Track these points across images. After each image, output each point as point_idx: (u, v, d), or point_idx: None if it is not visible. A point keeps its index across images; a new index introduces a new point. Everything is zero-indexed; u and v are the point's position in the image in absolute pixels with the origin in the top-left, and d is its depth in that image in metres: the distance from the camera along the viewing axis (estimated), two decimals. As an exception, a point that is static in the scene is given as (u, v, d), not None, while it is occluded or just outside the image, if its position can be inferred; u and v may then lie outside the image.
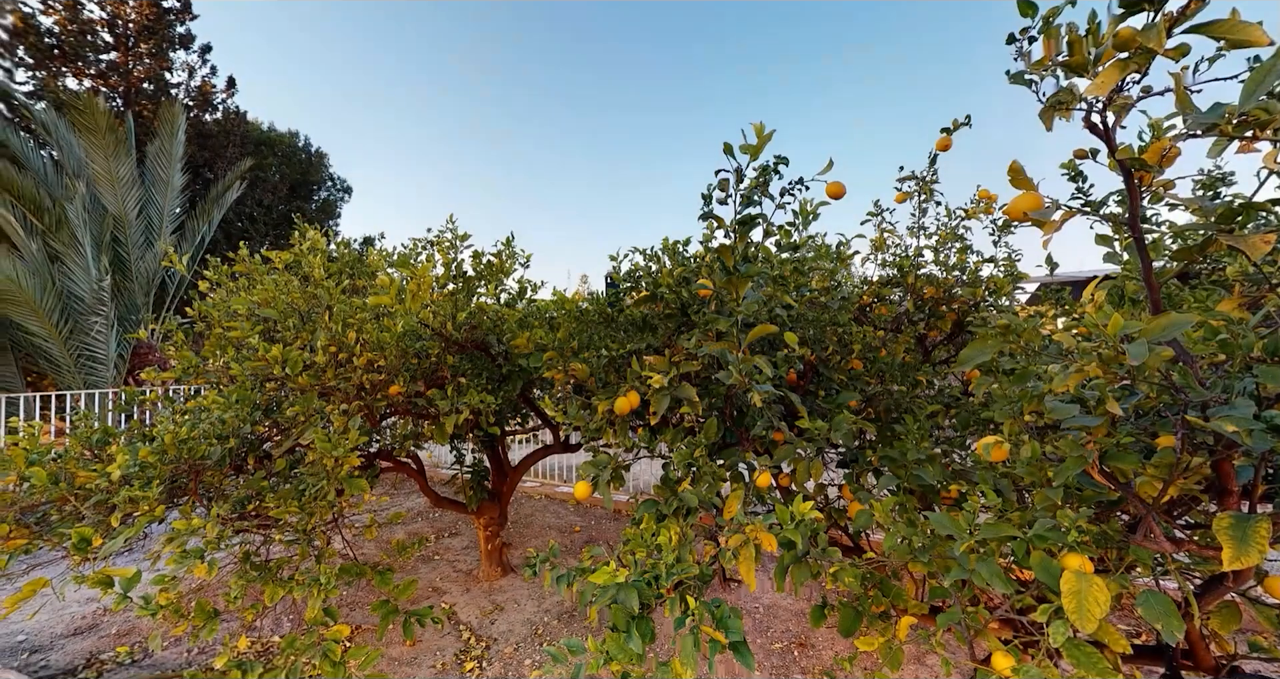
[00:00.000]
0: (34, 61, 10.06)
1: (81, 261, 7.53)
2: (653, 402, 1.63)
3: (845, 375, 2.15)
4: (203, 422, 1.98)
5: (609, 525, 4.48)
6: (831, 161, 1.80)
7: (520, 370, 2.49)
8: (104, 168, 8.23)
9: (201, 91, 11.89)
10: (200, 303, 2.51)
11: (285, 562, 1.93)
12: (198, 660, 2.54)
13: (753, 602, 3.05)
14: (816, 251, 2.58)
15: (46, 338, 7.21)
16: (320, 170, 13.81)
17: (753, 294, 1.68)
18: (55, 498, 1.73)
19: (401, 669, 2.43)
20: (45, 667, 2.50)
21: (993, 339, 1.30)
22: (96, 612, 2.98)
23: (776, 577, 1.43)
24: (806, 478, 1.63)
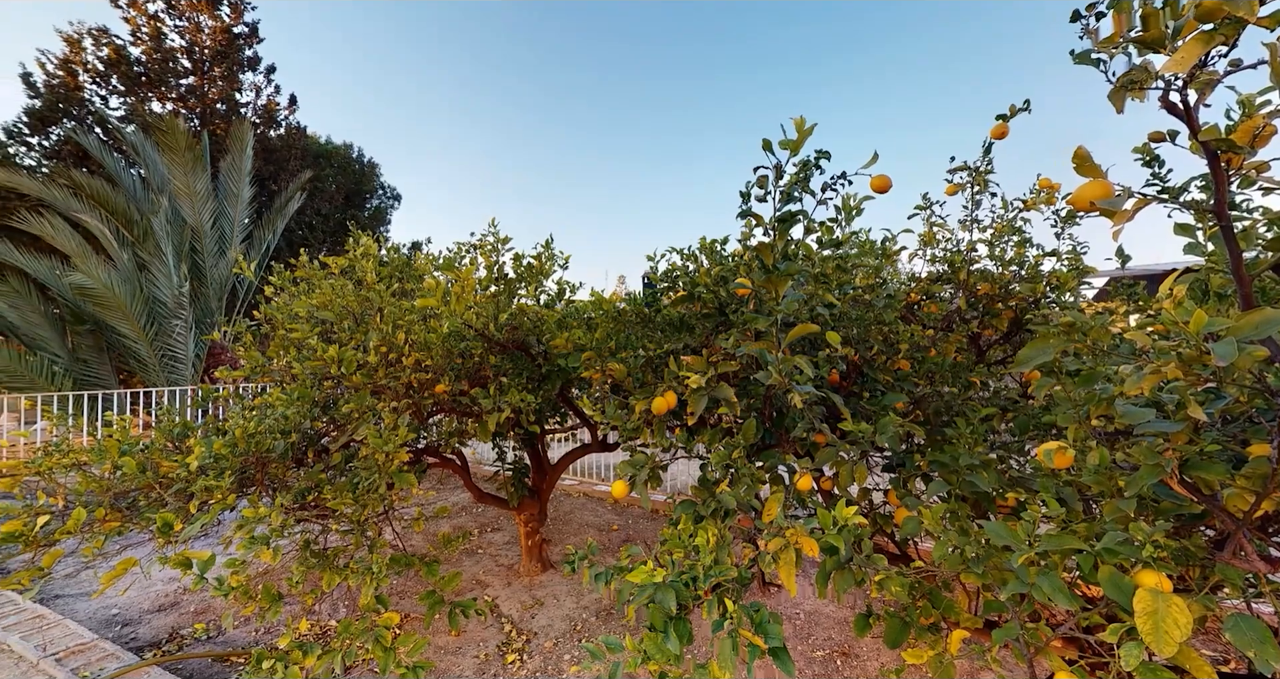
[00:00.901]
0: (125, 89, 11.08)
1: (164, 269, 8.23)
2: (690, 402, 1.62)
3: (891, 376, 2.07)
4: (268, 417, 2.12)
5: (646, 525, 4.49)
6: (876, 154, 1.73)
7: (559, 370, 2.54)
8: (183, 183, 8.96)
9: (267, 109, 12.75)
10: (266, 306, 2.69)
11: (341, 550, 2.04)
12: (264, 640, 2.72)
13: (793, 607, 2.98)
14: (860, 248, 2.49)
15: (135, 339, 7.92)
16: (372, 179, 14.53)
17: (793, 293, 1.64)
18: (143, 485, 1.90)
19: (447, 658, 2.52)
20: (134, 639, 2.75)
21: (1055, 338, 1.22)
22: (177, 590, 3.25)
23: (818, 583, 1.39)
24: (850, 482, 1.57)
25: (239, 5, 12.01)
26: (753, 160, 1.61)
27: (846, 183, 1.85)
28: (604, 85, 74.34)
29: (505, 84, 75.28)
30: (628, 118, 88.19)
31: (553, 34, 58.61)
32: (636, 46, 65.69)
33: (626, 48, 65.24)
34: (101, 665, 2.34)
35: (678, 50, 73.84)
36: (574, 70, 70.13)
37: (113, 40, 10.90)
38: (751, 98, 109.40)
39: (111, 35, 10.90)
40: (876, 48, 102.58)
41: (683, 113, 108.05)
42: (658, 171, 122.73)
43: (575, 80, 73.46)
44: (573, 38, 59.76)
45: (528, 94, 79.97)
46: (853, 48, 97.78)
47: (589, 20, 55.95)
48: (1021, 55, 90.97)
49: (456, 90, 75.43)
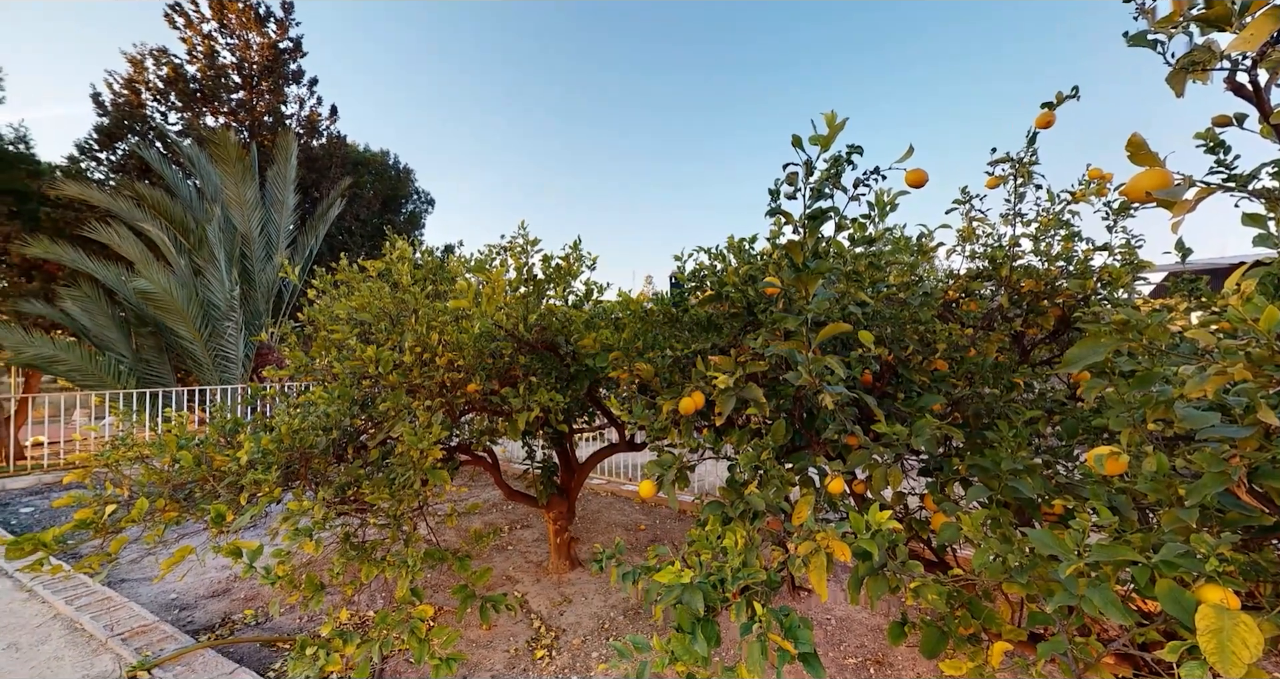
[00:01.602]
0: (182, 104, 11.78)
1: (217, 274, 8.71)
2: (718, 402, 1.61)
3: (928, 377, 2.00)
4: (311, 414, 2.22)
5: (674, 525, 4.48)
6: (911, 148, 1.68)
7: (587, 370, 2.56)
8: (234, 192, 9.46)
9: (309, 120, 13.33)
10: (309, 309, 2.81)
11: (378, 544, 2.11)
12: (307, 627, 2.85)
13: (824, 613, 2.92)
14: (895, 245, 2.42)
15: (191, 340, 8.41)
16: (407, 185, 14.99)
17: (824, 291, 1.61)
18: (198, 478, 2.02)
19: (478, 651, 2.58)
20: (191, 622, 2.91)
21: (1107, 337, 1.15)
22: (229, 578, 3.43)
23: (850, 588, 1.36)
24: (884, 485, 1.53)
25: (284, 22, 12.60)
26: (782, 157, 1.59)
27: (880, 178, 1.80)
28: (631, 85, 74.61)
29: (534, 88, 76.45)
30: (655, 118, 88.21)
31: (580, 36, 59.22)
32: (662, 46, 65.64)
33: (653, 47, 65.30)
34: (161, 646, 2.49)
35: (706, 48, 73.42)
36: (601, 71, 70.63)
37: (171, 59, 11.61)
38: (782, 95, 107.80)
39: (170, 55, 11.62)
40: (911, 39, 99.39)
41: (713, 112, 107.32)
42: (685, 171, 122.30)
43: (603, 81, 73.96)
44: (599, 39, 60.24)
45: (557, 97, 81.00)
46: (887, 39, 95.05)
47: (614, 21, 56.28)
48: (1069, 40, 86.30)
49: (486, 96, 77.06)
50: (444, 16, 49.57)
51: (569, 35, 58.98)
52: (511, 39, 59.44)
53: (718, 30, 68.32)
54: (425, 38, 50.08)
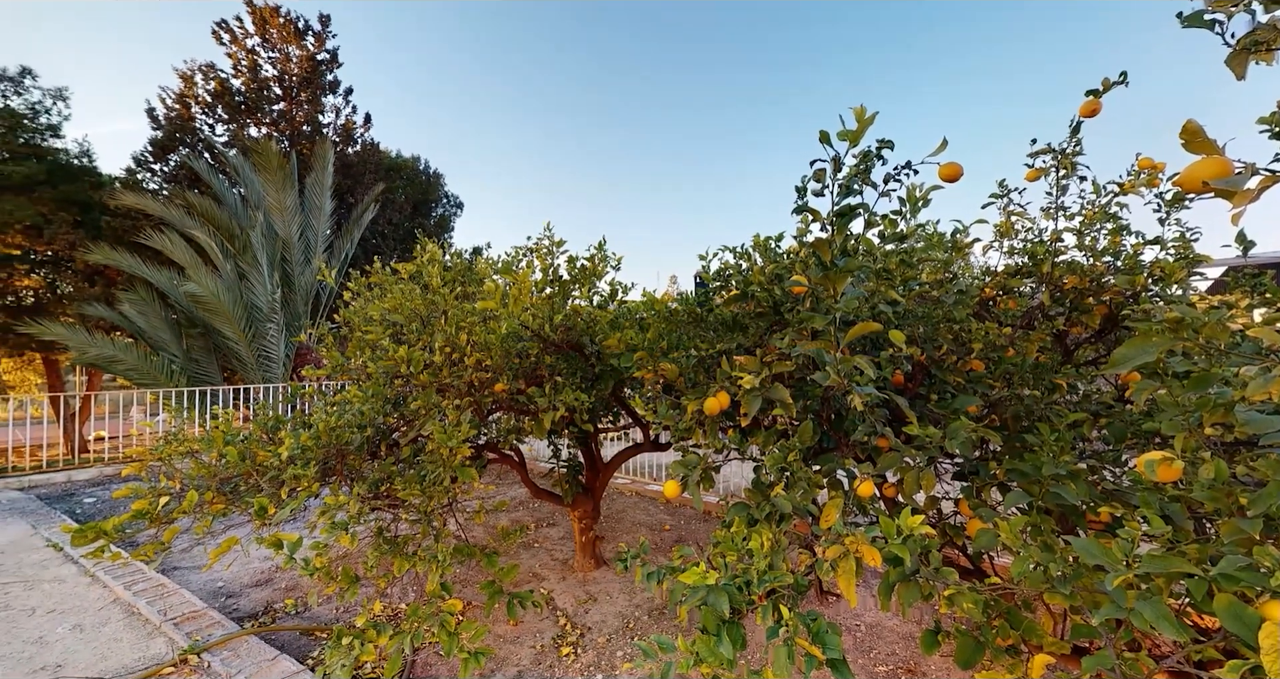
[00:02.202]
0: (228, 117, 12.37)
1: (260, 278, 9.11)
2: (743, 403, 1.59)
3: (963, 378, 1.93)
4: (347, 412, 2.30)
5: (698, 526, 4.45)
6: (945, 141, 1.63)
7: (612, 370, 2.57)
8: (275, 199, 9.89)
9: (345, 128, 13.81)
10: (345, 310, 2.91)
11: (410, 538, 2.17)
12: (343, 617, 2.95)
13: (854, 619, 2.85)
14: (927, 241, 2.35)
15: (236, 341, 8.83)
16: (437, 189, 15.37)
17: (852, 290, 1.57)
18: (243, 472, 2.11)
19: (506, 646, 2.62)
20: (236, 610, 3.06)
21: (1159, 335, 1.09)
22: (271, 568, 3.58)
23: (881, 594, 1.32)
24: (916, 489, 1.49)
25: (321, 34, 13.09)
26: (810, 154, 1.56)
27: (911, 173, 1.75)
28: (654, 86, 74.61)
29: (559, 90, 77.26)
30: (680, 118, 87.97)
31: (604, 38, 59.55)
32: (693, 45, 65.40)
33: (682, 46, 65.13)
34: (210, 631, 2.62)
35: (736, 46, 72.80)
36: (628, 72, 70.84)
37: (218, 74, 12.21)
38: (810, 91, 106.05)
39: (217, 70, 12.22)
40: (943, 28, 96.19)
41: (737, 110, 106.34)
42: (709, 171, 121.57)
43: (626, 83, 74.20)
44: (627, 39, 60.44)
45: (581, 99, 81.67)
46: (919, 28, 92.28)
47: (642, 21, 56.39)
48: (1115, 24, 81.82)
49: (513, 100, 78.30)
50: (471, 23, 50.59)
51: (596, 37, 59.43)
52: (538, 42, 60.24)
53: (747, 26, 67.68)
54: (453, 44, 51.24)
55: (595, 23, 55.47)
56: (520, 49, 61.27)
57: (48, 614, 2.88)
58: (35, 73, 9.20)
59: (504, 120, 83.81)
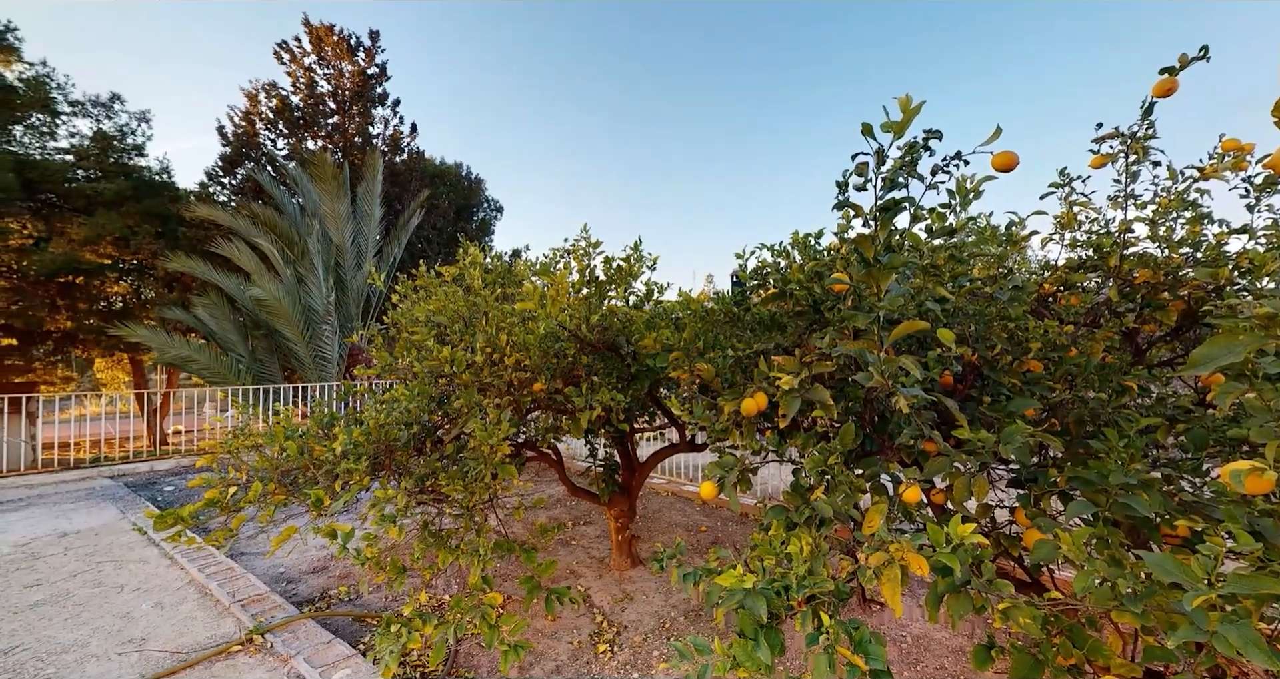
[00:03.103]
0: (288, 131, 13.19)
1: (316, 282, 9.66)
2: (781, 404, 1.56)
3: (1019, 379, 1.82)
4: (395, 410, 2.40)
5: (735, 528, 4.39)
6: (999, 129, 1.54)
7: (648, 370, 2.57)
8: (330, 208, 10.45)
9: (393, 138, 14.45)
10: (393, 312, 3.04)
11: (453, 532, 2.24)
12: (391, 605, 3.08)
13: (899, 629, 2.74)
14: (979, 235, 2.23)
15: (295, 342, 9.39)
16: (478, 194, 15.85)
17: (897, 287, 1.51)
18: (301, 465, 2.24)
19: (543, 641, 2.67)
20: (295, 594, 3.25)
21: (1247, 333, 0.99)
22: (326, 557, 3.79)
23: (928, 605, 1.27)
24: (967, 496, 1.41)
25: (371, 50, 13.75)
26: (850, 147, 1.51)
27: (961, 163, 1.67)
28: (690, 84, 74.20)
29: (593, 93, 78.07)
30: (715, 115, 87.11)
31: (643, 38, 59.75)
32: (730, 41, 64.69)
33: (719, 44, 64.56)
34: (272, 614, 2.80)
35: (773, 41, 71.55)
36: (665, 72, 70.82)
37: (279, 92, 13.03)
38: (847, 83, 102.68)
39: (279, 88, 13.05)
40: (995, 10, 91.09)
41: (773, 106, 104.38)
42: (746, 168, 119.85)
43: (662, 82, 74.13)
44: (664, 39, 60.43)
45: (617, 101, 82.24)
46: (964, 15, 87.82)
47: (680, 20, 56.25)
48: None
49: (550, 103, 79.73)
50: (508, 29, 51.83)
51: (632, 38, 59.73)
52: (576, 44, 61.08)
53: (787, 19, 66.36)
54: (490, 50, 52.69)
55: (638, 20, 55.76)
56: (556, 53, 62.33)
57: (134, 592, 3.16)
58: (123, 98, 10.10)
59: (541, 124, 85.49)
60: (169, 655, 2.48)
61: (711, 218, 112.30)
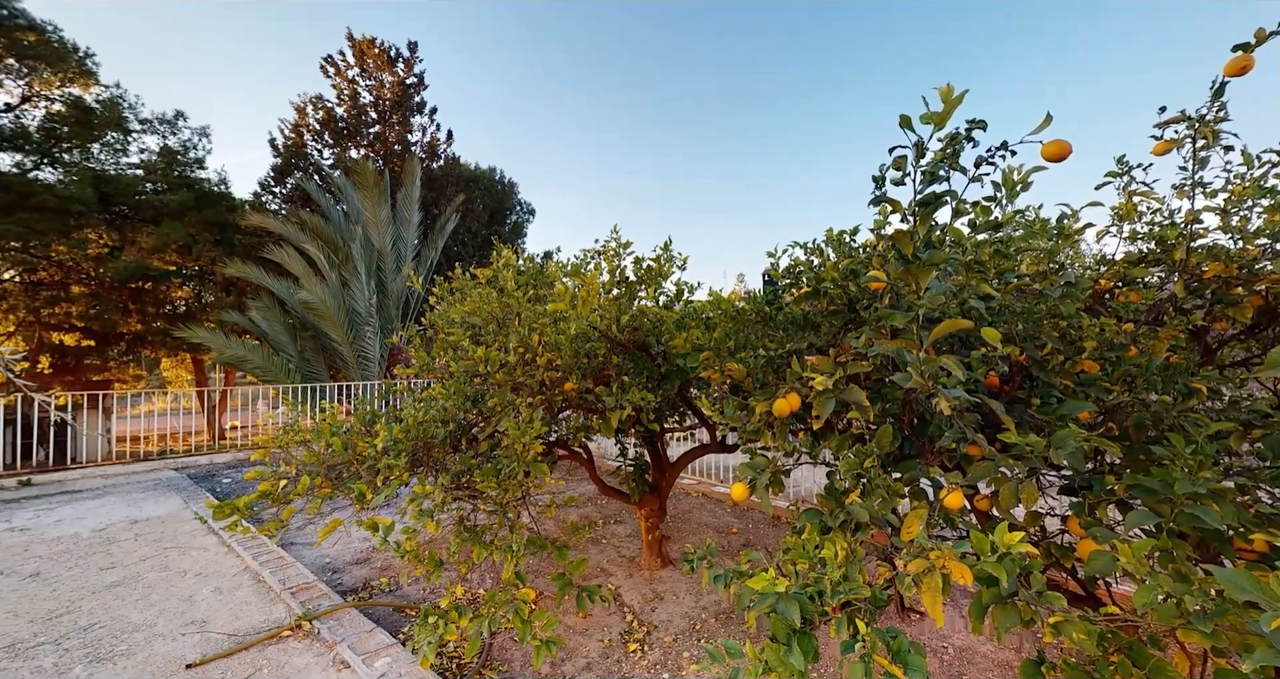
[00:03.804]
0: (333, 141, 13.81)
1: (359, 285, 10.07)
2: (815, 405, 1.52)
3: (1072, 381, 1.72)
4: (432, 408, 2.48)
5: (767, 531, 4.33)
6: (1049, 116, 1.46)
7: (678, 370, 2.56)
8: (371, 214, 10.88)
9: (430, 145, 14.92)
10: (430, 313, 3.14)
11: (487, 528, 2.29)
12: (429, 598, 3.18)
13: (940, 640, 2.64)
14: (1027, 229, 2.12)
15: (340, 343, 9.82)
16: (511, 198, 16.18)
17: (938, 285, 1.45)
18: (345, 460, 2.34)
19: (575, 638, 2.70)
20: (340, 584, 3.40)
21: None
22: (369, 548, 3.95)
23: (972, 616, 1.21)
24: (1014, 503, 1.35)
25: (410, 60, 14.25)
26: (888, 140, 1.47)
27: (1008, 154, 1.59)
28: (726, 82, 73.56)
29: (624, 93, 78.37)
30: (748, 113, 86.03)
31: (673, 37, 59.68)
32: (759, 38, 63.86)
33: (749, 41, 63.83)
34: (319, 602, 2.94)
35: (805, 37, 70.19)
36: (695, 70, 70.52)
37: (325, 104, 13.67)
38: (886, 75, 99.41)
39: (325, 100, 13.69)
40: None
41: (805, 102, 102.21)
42: (780, 166, 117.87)
43: (695, 81, 73.79)
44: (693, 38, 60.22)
45: (646, 101, 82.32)
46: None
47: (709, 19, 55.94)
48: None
49: (579, 104, 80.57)
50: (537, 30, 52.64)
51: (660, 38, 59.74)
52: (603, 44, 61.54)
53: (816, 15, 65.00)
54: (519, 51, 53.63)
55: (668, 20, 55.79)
56: (591, 55, 62.93)
57: (195, 576, 3.37)
58: (186, 115, 10.82)
59: (574, 125, 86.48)
60: (226, 637, 2.64)
61: (743, 217, 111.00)
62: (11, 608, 2.94)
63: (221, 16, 34.11)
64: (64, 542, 4.00)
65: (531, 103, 66.79)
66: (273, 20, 28.87)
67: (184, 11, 31.83)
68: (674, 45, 60.81)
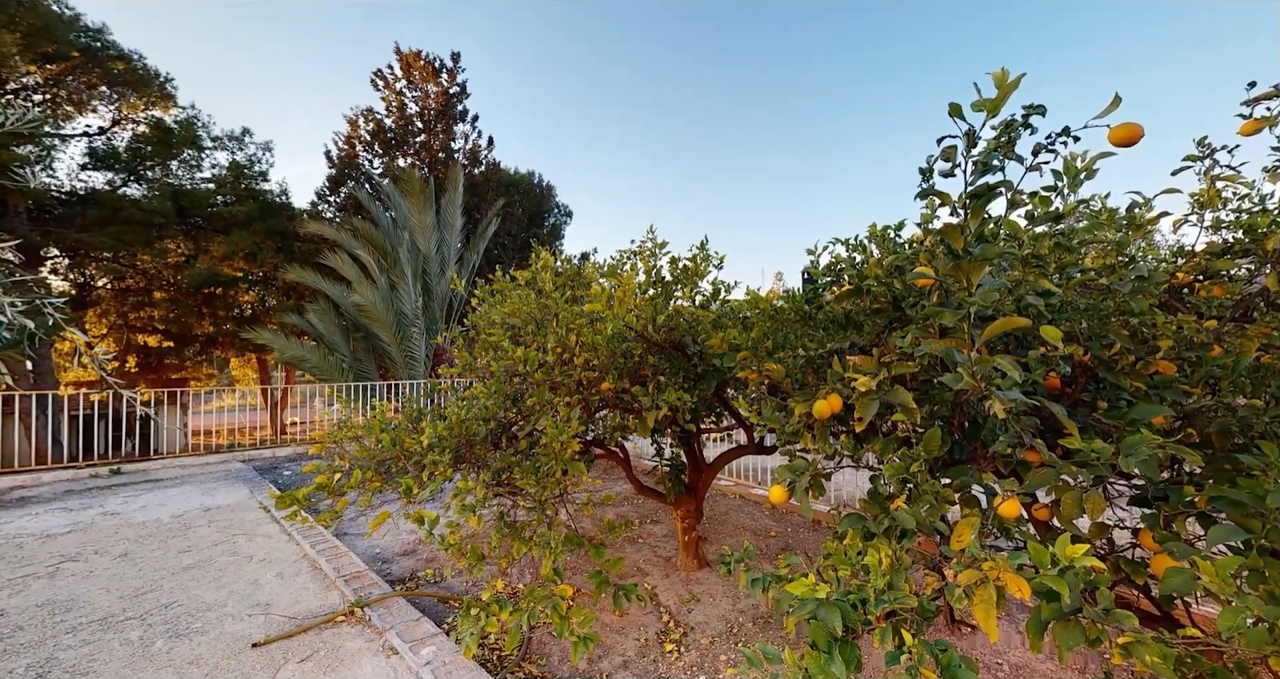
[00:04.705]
0: (382, 151, 14.47)
1: (406, 288, 10.50)
2: (857, 406, 1.47)
3: (1144, 382, 1.59)
4: (474, 407, 2.55)
5: (806, 535, 4.22)
6: (1118, 97, 1.36)
7: (714, 370, 2.54)
8: (417, 220, 11.33)
9: (472, 152, 15.40)
10: (472, 315, 3.24)
11: (526, 524, 2.34)
12: (471, 590, 3.28)
13: (994, 656, 2.49)
14: (1092, 219, 1.98)
15: (389, 343, 10.27)
16: (549, 201, 16.48)
17: (991, 281, 1.38)
18: (394, 456, 2.45)
19: (611, 635, 2.71)
20: (389, 574, 3.55)
21: None
22: (415, 540, 4.11)
23: (1030, 632, 1.14)
24: (1077, 514, 1.26)
25: (453, 70, 14.76)
26: (934, 132, 1.40)
27: (1070, 140, 1.49)
28: (760, 79, 72.30)
29: (661, 94, 78.33)
30: (787, 109, 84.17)
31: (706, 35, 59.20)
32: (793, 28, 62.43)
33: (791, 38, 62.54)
34: (369, 590, 3.08)
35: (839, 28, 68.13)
36: (734, 67, 69.72)
37: (375, 116, 14.35)
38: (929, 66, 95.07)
39: (375, 113, 14.37)
40: None
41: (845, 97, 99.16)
42: (818, 163, 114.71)
43: (730, 76, 72.93)
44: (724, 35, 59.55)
45: (684, 101, 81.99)
46: None
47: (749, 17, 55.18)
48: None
49: (616, 106, 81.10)
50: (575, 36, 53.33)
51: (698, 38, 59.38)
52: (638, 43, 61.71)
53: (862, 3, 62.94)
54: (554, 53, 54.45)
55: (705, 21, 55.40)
56: (628, 56, 63.28)
57: (260, 562, 3.61)
58: (251, 131, 11.60)
59: (611, 126, 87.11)
60: (287, 620, 2.81)
61: (782, 215, 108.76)
62: (105, 584, 3.24)
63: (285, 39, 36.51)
64: (148, 526, 4.38)
65: (569, 105, 67.78)
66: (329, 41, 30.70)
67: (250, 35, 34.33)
68: (712, 41, 60.27)
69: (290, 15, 30.96)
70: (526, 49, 49.90)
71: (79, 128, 9.81)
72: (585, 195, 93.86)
